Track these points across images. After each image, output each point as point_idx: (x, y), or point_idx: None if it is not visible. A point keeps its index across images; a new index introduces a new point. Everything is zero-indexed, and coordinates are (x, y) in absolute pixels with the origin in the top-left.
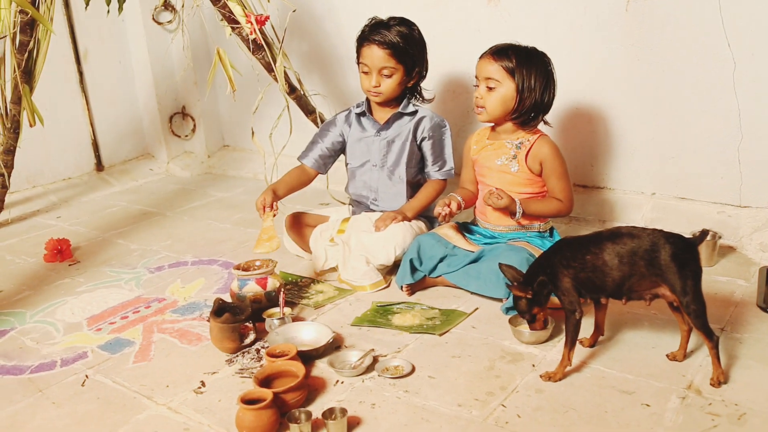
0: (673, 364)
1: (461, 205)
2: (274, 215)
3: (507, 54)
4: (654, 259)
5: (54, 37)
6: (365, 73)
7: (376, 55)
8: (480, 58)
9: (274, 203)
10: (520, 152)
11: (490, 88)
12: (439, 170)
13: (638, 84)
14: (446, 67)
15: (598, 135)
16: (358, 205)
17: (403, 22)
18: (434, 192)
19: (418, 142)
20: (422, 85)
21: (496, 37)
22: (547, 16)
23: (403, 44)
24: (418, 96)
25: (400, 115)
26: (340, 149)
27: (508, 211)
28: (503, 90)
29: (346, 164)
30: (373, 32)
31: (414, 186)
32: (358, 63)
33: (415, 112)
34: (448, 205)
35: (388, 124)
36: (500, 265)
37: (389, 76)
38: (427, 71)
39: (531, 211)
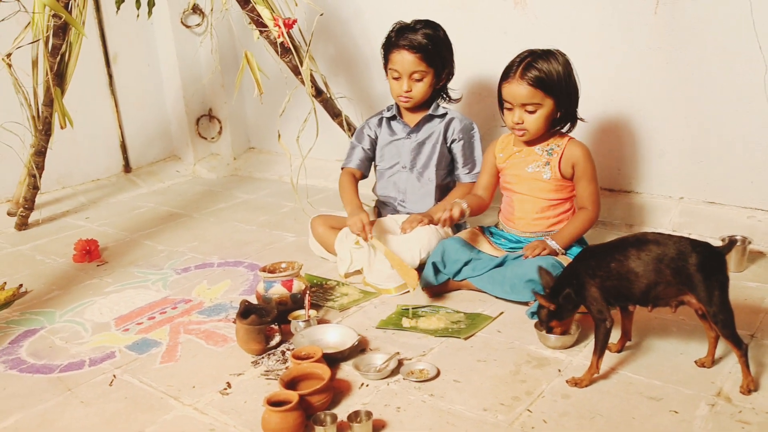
0: (702, 371)
1: (465, 213)
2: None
3: (536, 70)
4: (680, 268)
5: (85, 41)
6: (396, 78)
7: (406, 59)
8: (506, 81)
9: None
10: (552, 158)
11: (530, 112)
12: (468, 173)
13: (666, 87)
14: (472, 70)
15: (625, 138)
16: (385, 207)
17: (428, 24)
18: (463, 196)
19: (448, 144)
20: (448, 86)
21: (523, 40)
22: (574, 18)
23: (432, 47)
24: (445, 97)
25: (431, 118)
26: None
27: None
28: (543, 110)
29: (375, 166)
30: (400, 37)
31: (443, 188)
32: (387, 69)
33: (444, 114)
34: (450, 210)
35: (419, 126)
36: (539, 268)
37: (420, 80)
38: (454, 72)
39: (567, 240)
